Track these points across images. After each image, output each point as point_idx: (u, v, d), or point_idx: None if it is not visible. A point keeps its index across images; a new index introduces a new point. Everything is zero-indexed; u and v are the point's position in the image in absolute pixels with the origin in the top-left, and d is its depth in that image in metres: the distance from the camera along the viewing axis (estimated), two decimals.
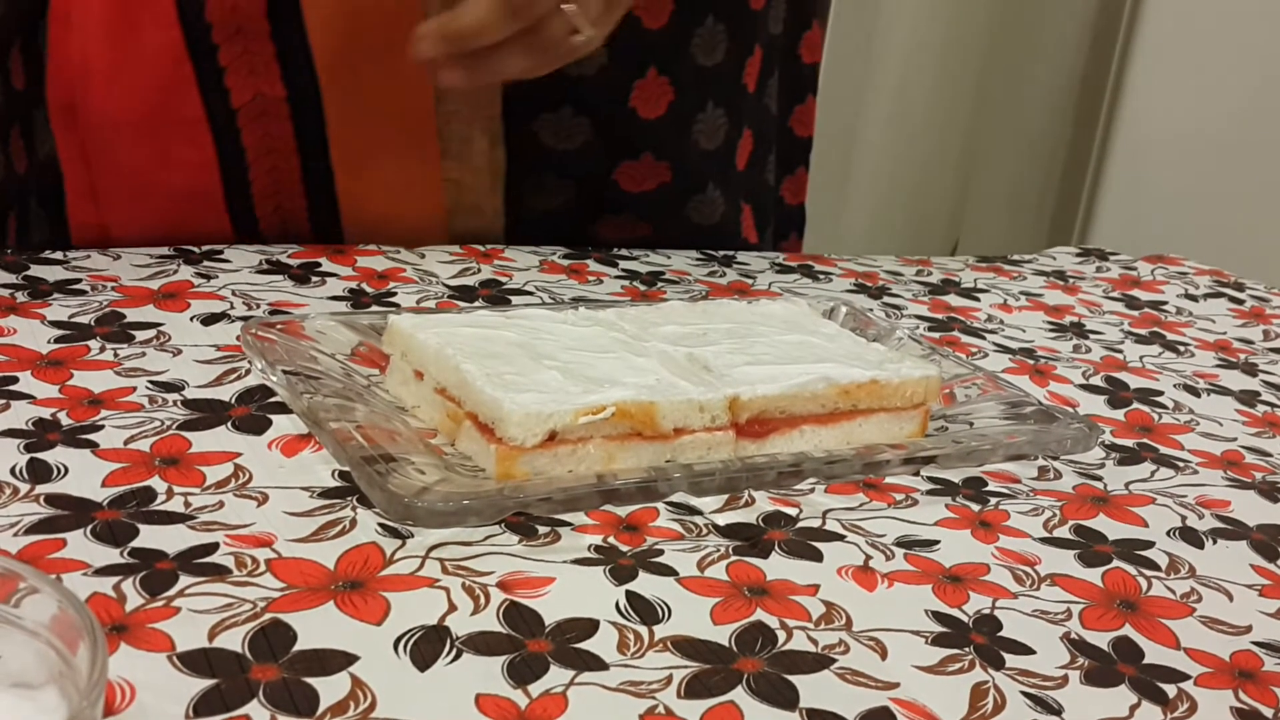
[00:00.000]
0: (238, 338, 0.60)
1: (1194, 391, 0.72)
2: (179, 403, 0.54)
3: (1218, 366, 0.77)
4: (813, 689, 0.41)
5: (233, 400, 0.55)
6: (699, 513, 0.51)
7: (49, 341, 0.59)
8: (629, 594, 0.45)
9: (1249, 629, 0.48)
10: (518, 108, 0.79)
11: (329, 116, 0.76)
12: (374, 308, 0.68)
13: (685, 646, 0.42)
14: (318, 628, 0.41)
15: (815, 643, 0.43)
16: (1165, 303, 0.89)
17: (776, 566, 0.48)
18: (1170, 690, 0.44)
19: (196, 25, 0.73)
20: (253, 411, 0.54)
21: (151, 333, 0.61)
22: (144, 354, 0.59)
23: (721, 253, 0.86)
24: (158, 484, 0.48)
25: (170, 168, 0.75)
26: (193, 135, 0.75)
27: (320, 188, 0.78)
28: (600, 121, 0.81)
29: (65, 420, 0.52)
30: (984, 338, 0.76)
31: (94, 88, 0.74)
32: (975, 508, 0.54)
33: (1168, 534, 0.54)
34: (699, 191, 0.86)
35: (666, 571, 0.46)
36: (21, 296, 0.63)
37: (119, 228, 0.76)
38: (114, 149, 0.75)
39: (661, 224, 0.85)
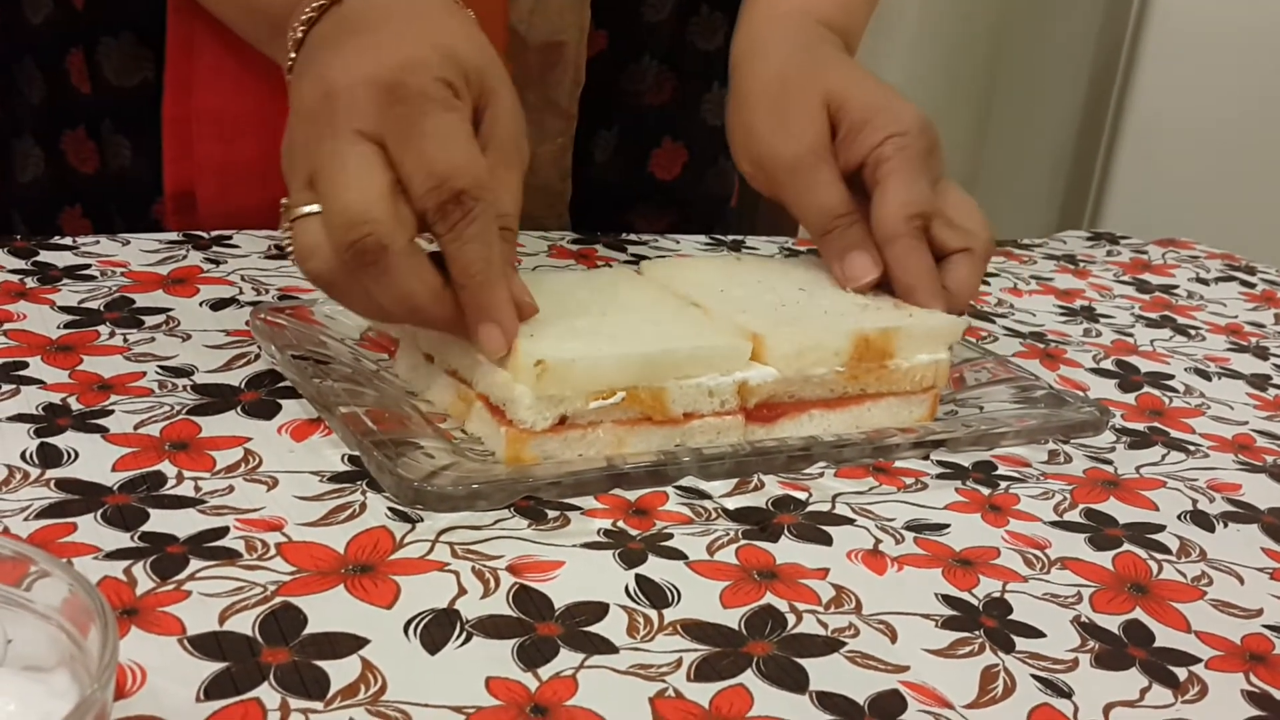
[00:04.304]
0: (247, 323, 0.60)
1: (1205, 375, 0.72)
2: (189, 388, 0.54)
3: (1229, 350, 0.76)
4: (822, 672, 0.41)
5: (242, 385, 0.55)
6: (708, 497, 0.51)
7: (59, 327, 0.59)
8: (639, 578, 0.45)
9: (1260, 612, 0.48)
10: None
11: None
12: None
13: (695, 630, 0.42)
14: (328, 611, 0.41)
15: (825, 626, 0.43)
16: (1176, 286, 0.88)
17: (786, 550, 0.48)
18: (1181, 673, 0.43)
19: None
20: (262, 396, 0.54)
21: (161, 318, 0.61)
22: (153, 339, 0.59)
23: (731, 237, 0.86)
24: (168, 468, 0.48)
25: None
26: None
27: None
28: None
29: (75, 405, 0.52)
30: (994, 321, 0.76)
31: None
32: (985, 491, 0.54)
33: (1178, 517, 0.54)
34: (712, 164, 0.90)
35: (676, 555, 0.46)
36: (31, 282, 0.63)
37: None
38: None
39: (686, 204, 0.90)
